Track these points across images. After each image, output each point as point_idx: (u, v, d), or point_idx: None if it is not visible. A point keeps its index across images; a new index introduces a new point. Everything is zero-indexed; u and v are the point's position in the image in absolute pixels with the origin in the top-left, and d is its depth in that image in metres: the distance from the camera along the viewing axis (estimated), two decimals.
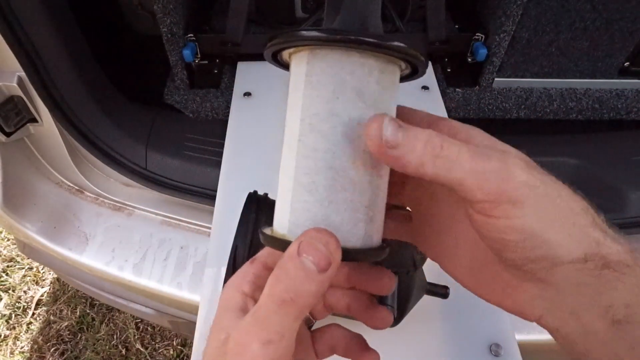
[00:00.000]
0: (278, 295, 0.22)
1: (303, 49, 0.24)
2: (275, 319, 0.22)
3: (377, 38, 0.23)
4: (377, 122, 0.23)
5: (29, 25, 0.61)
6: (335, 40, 0.23)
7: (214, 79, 0.88)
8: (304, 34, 0.23)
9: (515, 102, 0.90)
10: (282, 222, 0.26)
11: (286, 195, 0.25)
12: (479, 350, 0.49)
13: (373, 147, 0.23)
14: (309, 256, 0.22)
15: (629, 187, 0.72)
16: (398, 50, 0.23)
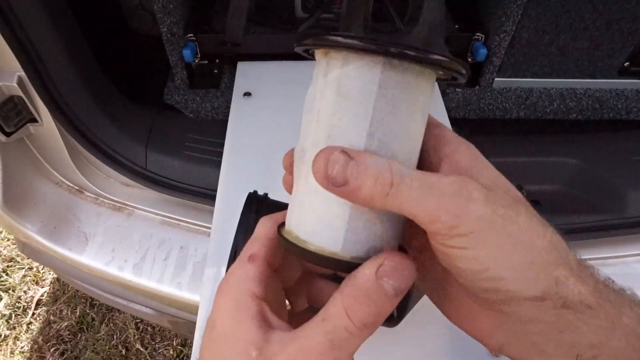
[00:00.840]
0: (361, 319, 0.22)
1: (377, 55, 0.22)
2: (355, 342, 0.22)
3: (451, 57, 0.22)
4: (324, 156, 0.22)
5: (29, 25, 0.61)
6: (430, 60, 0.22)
7: (214, 79, 0.88)
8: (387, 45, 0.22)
9: (515, 102, 0.90)
10: (333, 239, 0.24)
11: (339, 212, 0.24)
12: (479, 351, 0.49)
13: (321, 182, 0.22)
14: (390, 280, 0.22)
15: (629, 187, 0.72)
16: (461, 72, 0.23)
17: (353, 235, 0.24)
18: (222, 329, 0.24)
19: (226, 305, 0.25)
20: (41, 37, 0.63)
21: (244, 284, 0.25)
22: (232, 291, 0.25)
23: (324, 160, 0.22)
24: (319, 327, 0.22)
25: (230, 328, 0.24)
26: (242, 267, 0.26)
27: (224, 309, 0.25)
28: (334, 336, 0.22)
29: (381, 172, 0.21)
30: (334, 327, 0.22)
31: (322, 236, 0.25)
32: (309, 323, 0.23)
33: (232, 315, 0.24)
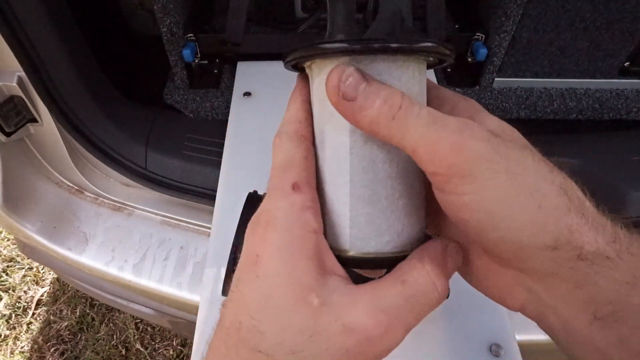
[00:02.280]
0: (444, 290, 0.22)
1: (341, 57, 0.23)
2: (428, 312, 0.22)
3: (424, 41, 0.22)
4: (337, 72, 0.21)
5: (29, 25, 0.61)
6: (392, 49, 0.22)
7: (214, 79, 0.88)
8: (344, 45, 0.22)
9: (515, 102, 0.90)
10: (340, 237, 0.24)
11: (341, 210, 0.24)
12: (479, 350, 0.49)
13: (330, 96, 0.22)
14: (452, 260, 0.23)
15: (629, 187, 0.72)
16: (441, 52, 0.23)
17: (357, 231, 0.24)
18: (271, 267, 0.21)
19: (275, 239, 0.22)
20: (41, 37, 0.63)
21: (297, 215, 0.22)
22: (281, 225, 0.22)
23: (338, 74, 0.21)
24: (399, 289, 0.21)
25: (283, 268, 0.21)
26: (288, 198, 0.23)
27: (274, 245, 0.22)
28: (416, 302, 0.21)
29: (391, 95, 0.21)
30: (417, 292, 0.22)
31: (333, 237, 0.25)
32: (383, 282, 0.22)
33: (284, 253, 0.21)
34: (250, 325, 0.21)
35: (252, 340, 0.21)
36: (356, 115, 0.21)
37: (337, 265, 0.23)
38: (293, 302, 0.21)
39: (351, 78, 0.21)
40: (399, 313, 0.21)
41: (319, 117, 0.25)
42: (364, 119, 0.21)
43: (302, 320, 0.20)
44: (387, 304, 0.21)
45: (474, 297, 0.28)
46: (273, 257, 0.21)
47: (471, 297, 0.28)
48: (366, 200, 0.24)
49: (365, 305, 0.21)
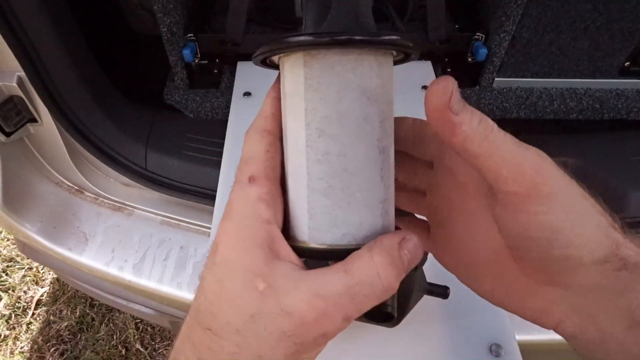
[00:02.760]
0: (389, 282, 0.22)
1: (296, 51, 0.24)
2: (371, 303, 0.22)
3: (375, 34, 0.23)
4: (445, 84, 0.22)
5: (29, 25, 0.61)
6: (338, 42, 0.22)
7: (214, 79, 0.88)
8: (299, 39, 0.23)
9: (515, 102, 0.90)
10: (300, 229, 0.25)
11: (300, 202, 0.25)
12: (479, 350, 0.49)
13: (436, 108, 0.22)
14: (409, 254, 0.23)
15: (629, 187, 0.72)
16: (397, 44, 0.23)
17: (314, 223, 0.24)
18: (225, 254, 0.23)
19: (230, 229, 0.24)
20: (41, 37, 0.63)
21: (251, 206, 0.24)
22: (236, 215, 0.24)
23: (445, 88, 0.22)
24: (341, 277, 0.22)
25: (235, 255, 0.23)
26: (244, 190, 0.24)
27: (229, 233, 0.23)
28: (357, 291, 0.22)
29: (485, 117, 0.22)
30: (359, 282, 0.22)
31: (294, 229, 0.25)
32: (327, 270, 0.22)
33: (237, 241, 0.23)
34: (206, 308, 0.23)
35: (205, 321, 0.23)
36: (456, 128, 0.22)
37: (292, 254, 0.24)
38: (242, 286, 0.22)
39: (458, 94, 0.22)
40: (338, 300, 0.21)
41: (283, 111, 0.26)
42: (460, 134, 0.22)
43: (247, 303, 0.22)
44: (326, 290, 0.21)
45: (474, 297, 0.28)
46: (228, 245, 0.23)
47: (471, 297, 0.28)
48: (322, 192, 0.24)
49: (305, 290, 0.22)
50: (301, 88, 0.24)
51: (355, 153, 0.24)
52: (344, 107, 0.23)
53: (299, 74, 0.24)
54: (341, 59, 0.23)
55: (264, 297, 0.21)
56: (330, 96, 0.23)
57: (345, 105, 0.23)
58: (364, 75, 0.23)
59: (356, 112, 0.23)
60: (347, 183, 0.24)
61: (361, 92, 0.23)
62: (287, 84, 0.25)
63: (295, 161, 0.25)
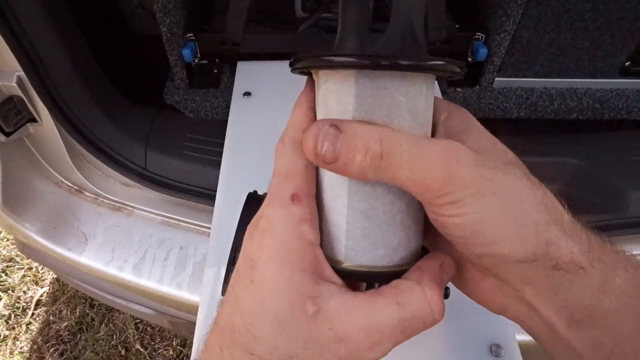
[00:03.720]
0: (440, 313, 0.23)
1: (348, 70, 0.23)
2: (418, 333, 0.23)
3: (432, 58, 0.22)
4: (313, 132, 0.22)
5: (29, 25, 0.60)
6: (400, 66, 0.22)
7: (214, 79, 0.88)
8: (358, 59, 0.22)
9: (515, 101, 0.90)
10: (335, 248, 0.24)
11: (337, 221, 0.24)
12: (479, 351, 0.49)
13: (310, 158, 0.22)
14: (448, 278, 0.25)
15: (629, 187, 0.72)
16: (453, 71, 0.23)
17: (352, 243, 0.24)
18: (266, 273, 0.22)
19: (272, 247, 0.22)
20: (41, 37, 0.63)
21: (295, 226, 0.22)
22: (279, 235, 0.22)
23: (314, 137, 0.22)
24: (394, 310, 0.22)
25: (279, 275, 0.21)
26: (287, 208, 0.23)
27: (270, 252, 0.22)
28: (409, 324, 0.22)
29: (370, 145, 0.21)
30: (412, 316, 0.22)
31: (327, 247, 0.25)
32: (378, 298, 0.22)
33: (281, 261, 0.22)
34: (243, 329, 0.21)
35: (246, 344, 0.21)
36: (342, 171, 0.22)
37: (334, 275, 0.24)
38: (288, 309, 0.21)
39: (327, 142, 0.21)
40: (391, 332, 0.22)
41: None
42: (350, 173, 0.22)
43: (296, 327, 0.21)
44: (380, 322, 0.22)
45: None
46: (269, 264, 0.22)
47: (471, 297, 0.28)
48: (363, 214, 0.24)
49: (359, 318, 0.22)
50: (349, 107, 0.23)
51: None
52: (396, 127, 0.23)
53: (349, 92, 0.23)
54: (395, 81, 0.22)
55: (316, 322, 0.21)
56: (381, 117, 0.22)
57: (395, 127, 0.23)
58: (414, 98, 0.23)
59: (406, 130, 0.23)
60: (390, 206, 0.24)
61: (410, 115, 0.23)
62: (330, 99, 0.24)
63: (335, 180, 0.24)
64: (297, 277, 0.22)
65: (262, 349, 0.21)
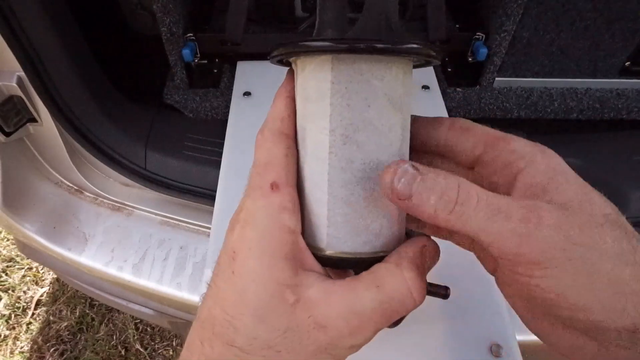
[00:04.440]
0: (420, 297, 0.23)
1: (324, 54, 0.23)
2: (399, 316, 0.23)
3: (406, 41, 0.22)
4: (391, 171, 0.21)
5: (29, 25, 0.60)
6: (375, 49, 0.21)
7: (214, 79, 0.88)
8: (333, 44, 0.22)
9: (516, 101, 0.90)
10: (317, 236, 0.24)
11: (318, 209, 0.24)
12: (479, 350, 0.49)
13: (386, 194, 0.22)
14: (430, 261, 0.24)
15: (629, 187, 0.72)
16: (428, 55, 0.23)
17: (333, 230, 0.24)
18: (247, 264, 0.22)
19: (252, 237, 0.22)
20: (41, 37, 0.63)
21: (275, 215, 0.22)
22: (259, 224, 0.22)
23: (392, 174, 0.21)
24: (374, 294, 0.22)
25: (259, 265, 0.21)
26: (267, 197, 0.23)
27: (250, 242, 0.22)
28: (388, 307, 0.22)
29: (447, 189, 0.20)
30: (392, 298, 0.22)
31: (311, 236, 0.25)
32: (358, 283, 0.22)
33: (261, 251, 0.22)
34: (224, 320, 0.21)
35: (226, 336, 0.21)
36: (413, 211, 0.21)
37: (316, 263, 0.23)
38: (268, 299, 0.21)
39: (404, 178, 0.21)
40: (371, 316, 0.22)
41: (301, 114, 0.25)
42: (421, 215, 0.21)
43: (276, 316, 0.21)
44: (360, 306, 0.21)
45: (475, 297, 0.28)
46: (249, 255, 0.22)
47: (471, 297, 0.27)
48: (344, 200, 0.23)
49: (338, 305, 0.21)
50: (327, 93, 0.23)
51: (379, 161, 0.23)
52: (371, 114, 0.23)
53: (325, 78, 0.23)
54: (371, 66, 0.22)
55: (296, 311, 0.21)
56: (358, 103, 0.22)
57: (372, 113, 0.23)
58: (391, 83, 0.23)
59: (382, 120, 0.23)
60: (370, 191, 0.23)
61: (388, 100, 0.23)
62: (308, 87, 0.24)
63: (315, 167, 0.24)
64: (278, 267, 0.21)
65: (242, 340, 0.21)
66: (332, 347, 0.21)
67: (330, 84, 0.22)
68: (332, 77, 0.22)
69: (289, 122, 0.25)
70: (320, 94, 0.23)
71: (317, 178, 0.24)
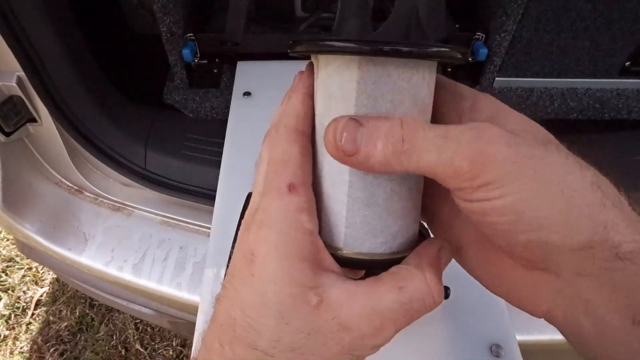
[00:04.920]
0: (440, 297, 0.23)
1: (349, 55, 0.22)
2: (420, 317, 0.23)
3: (434, 45, 0.22)
4: (333, 125, 0.21)
5: (29, 25, 0.60)
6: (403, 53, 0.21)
7: (214, 79, 0.88)
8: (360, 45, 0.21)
9: (516, 101, 0.90)
10: (335, 235, 0.24)
11: (337, 209, 0.24)
12: (479, 351, 0.49)
13: (331, 153, 0.21)
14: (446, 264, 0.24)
15: (629, 187, 0.72)
16: (455, 57, 0.22)
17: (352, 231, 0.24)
18: (267, 265, 0.21)
19: (271, 239, 0.22)
20: (40, 37, 0.63)
21: (293, 217, 0.22)
22: (277, 225, 0.22)
23: (333, 130, 0.21)
24: (395, 294, 0.22)
25: (280, 267, 0.21)
26: (283, 198, 0.22)
27: (268, 244, 0.21)
28: (410, 307, 0.22)
29: (390, 129, 0.20)
30: (413, 299, 0.22)
31: (327, 235, 0.25)
32: (380, 284, 0.22)
33: (281, 253, 0.21)
34: (245, 323, 0.21)
35: (248, 338, 0.21)
36: (365, 164, 0.21)
37: (334, 264, 0.23)
38: (290, 300, 0.21)
39: (346, 133, 0.20)
40: (393, 317, 0.22)
41: (321, 112, 0.24)
42: (374, 165, 0.21)
43: (300, 318, 0.21)
44: (383, 307, 0.21)
45: (475, 297, 0.28)
46: (269, 256, 0.21)
47: (471, 297, 0.28)
48: (364, 202, 0.23)
49: (361, 306, 0.21)
50: (352, 93, 0.22)
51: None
52: (396, 115, 0.22)
53: (351, 78, 0.22)
54: (398, 67, 0.22)
55: (319, 312, 0.21)
56: (384, 104, 0.22)
57: (398, 114, 0.22)
58: (417, 85, 0.22)
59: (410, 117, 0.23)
60: (390, 193, 0.23)
61: (413, 102, 0.23)
62: (332, 84, 0.23)
63: (335, 167, 0.24)
64: (298, 268, 0.21)
65: (265, 343, 0.21)
66: (354, 348, 0.21)
67: (357, 84, 0.22)
68: (359, 77, 0.22)
69: (306, 119, 0.24)
70: (345, 93, 0.22)
71: (337, 178, 0.24)
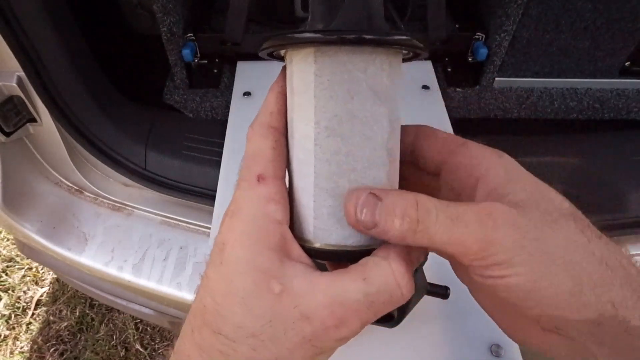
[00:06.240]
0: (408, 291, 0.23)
1: (307, 47, 0.23)
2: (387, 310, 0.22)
3: (390, 33, 0.22)
4: (354, 200, 0.22)
5: (29, 25, 0.60)
6: (355, 40, 0.22)
7: (214, 79, 0.88)
8: (312, 35, 0.22)
9: (515, 101, 0.90)
10: (305, 228, 0.25)
11: (305, 201, 0.24)
12: (479, 351, 0.49)
13: (352, 224, 0.23)
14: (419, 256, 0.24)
15: (629, 187, 0.72)
16: (412, 45, 0.23)
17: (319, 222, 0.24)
18: (234, 254, 0.22)
19: (239, 228, 0.23)
20: (41, 37, 0.63)
21: (261, 206, 0.23)
22: (246, 215, 0.23)
23: (354, 206, 0.22)
24: (360, 286, 0.22)
25: (246, 255, 0.22)
26: (253, 189, 0.23)
27: (238, 233, 0.22)
28: (375, 299, 0.22)
29: (407, 211, 0.21)
30: (379, 290, 0.22)
31: (298, 228, 0.25)
32: (344, 275, 0.22)
33: (248, 241, 0.22)
34: (213, 309, 0.22)
35: (214, 323, 0.22)
36: (383, 237, 0.22)
37: (303, 254, 0.24)
38: (254, 288, 0.21)
39: (365, 209, 0.22)
40: (357, 308, 0.21)
41: (290, 107, 0.25)
42: (391, 239, 0.22)
43: (262, 305, 0.21)
44: (346, 298, 0.21)
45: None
46: (236, 244, 0.22)
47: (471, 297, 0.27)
48: (329, 192, 0.24)
49: (323, 295, 0.21)
50: (311, 85, 0.23)
51: (364, 153, 0.23)
52: (354, 106, 0.23)
53: (309, 71, 0.23)
54: (353, 58, 0.22)
55: (281, 300, 0.21)
56: (341, 95, 0.23)
57: (356, 105, 0.23)
58: (375, 75, 0.23)
59: (366, 112, 0.23)
60: (355, 184, 0.23)
61: (371, 92, 0.23)
62: (295, 80, 0.24)
63: (302, 159, 0.24)
64: (264, 256, 0.22)
65: (229, 328, 0.21)
66: (316, 339, 0.21)
67: (314, 76, 0.23)
68: (315, 69, 0.22)
69: (278, 115, 0.25)
70: (305, 86, 0.23)
71: (304, 170, 0.24)
